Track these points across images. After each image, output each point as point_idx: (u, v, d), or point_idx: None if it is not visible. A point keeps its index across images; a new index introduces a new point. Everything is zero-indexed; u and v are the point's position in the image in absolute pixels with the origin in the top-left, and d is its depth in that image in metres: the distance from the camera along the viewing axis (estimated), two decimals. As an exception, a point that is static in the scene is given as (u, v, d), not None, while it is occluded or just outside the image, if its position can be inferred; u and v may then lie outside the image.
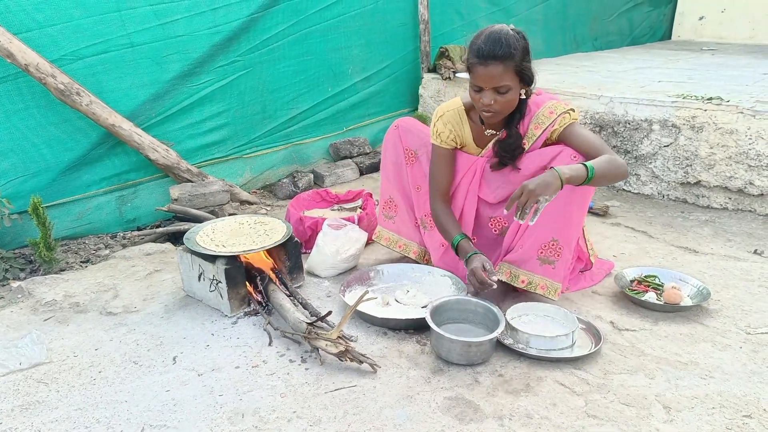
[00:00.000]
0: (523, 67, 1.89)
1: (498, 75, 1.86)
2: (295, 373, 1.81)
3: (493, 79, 1.87)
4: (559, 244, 2.04)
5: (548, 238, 2.05)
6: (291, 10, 3.48)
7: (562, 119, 2.02)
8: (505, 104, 1.93)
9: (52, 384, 1.79)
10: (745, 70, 4.38)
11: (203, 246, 2.17)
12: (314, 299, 2.26)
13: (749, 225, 2.92)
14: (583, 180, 1.84)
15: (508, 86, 1.89)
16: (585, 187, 1.95)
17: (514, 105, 1.97)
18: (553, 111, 2.02)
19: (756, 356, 1.86)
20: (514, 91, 1.91)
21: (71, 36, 2.69)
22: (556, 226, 2.02)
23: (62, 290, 2.40)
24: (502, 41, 1.84)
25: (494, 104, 1.91)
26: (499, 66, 1.85)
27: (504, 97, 1.90)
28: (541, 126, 2.03)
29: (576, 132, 2.01)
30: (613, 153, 1.94)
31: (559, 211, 1.99)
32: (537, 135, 2.04)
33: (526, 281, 2.11)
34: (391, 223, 2.52)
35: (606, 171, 1.88)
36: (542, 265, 2.08)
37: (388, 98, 4.34)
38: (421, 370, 1.82)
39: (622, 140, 3.39)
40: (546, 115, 2.02)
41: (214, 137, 3.35)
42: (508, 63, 1.86)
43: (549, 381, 1.76)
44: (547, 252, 2.06)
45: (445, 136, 2.19)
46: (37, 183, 2.74)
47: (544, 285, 2.10)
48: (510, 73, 1.88)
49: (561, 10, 5.55)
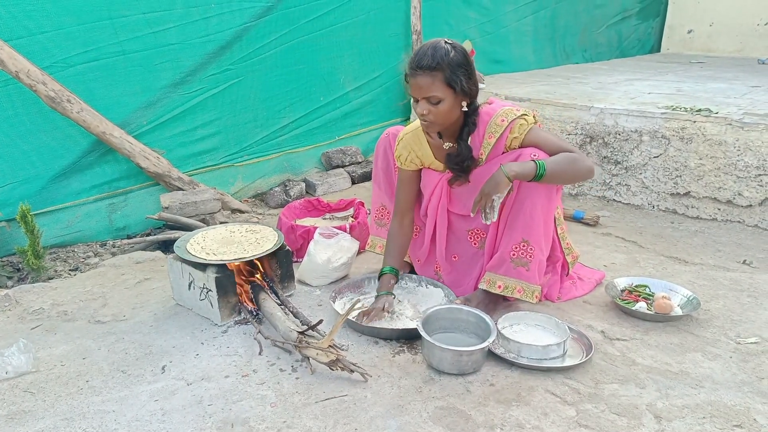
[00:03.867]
0: (454, 79, 1.89)
1: (426, 85, 1.90)
2: (286, 383, 1.80)
3: (422, 90, 1.91)
4: (530, 245, 2.06)
5: (518, 239, 2.06)
6: (283, 19, 3.49)
7: (519, 126, 2.01)
8: (439, 115, 1.94)
9: (39, 393, 1.77)
10: (734, 83, 4.44)
11: (194, 254, 2.16)
12: (305, 308, 2.25)
13: (738, 235, 2.95)
14: (533, 176, 1.91)
15: (438, 97, 1.90)
16: (548, 187, 2.00)
17: (451, 116, 1.97)
18: (505, 118, 2.02)
19: (745, 366, 1.87)
20: (447, 102, 1.92)
21: (62, 43, 2.68)
22: (524, 227, 2.04)
23: (50, 298, 2.37)
24: (429, 53, 1.89)
25: (428, 114, 1.94)
26: (426, 77, 1.89)
27: (437, 108, 1.92)
28: (495, 135, 2.03)
29: (538, 136, 2.02)
30: (579, 153, 2.00)
31: (524, 211, 2.03)
32: (492, 144, 2.05)
33: (503, 286, 2.12)
34: (385, 230, 2.51)
35: (563, 168, 1.95)
36: (516, 268, 2.09)
37: (380, 108, 4.35)
38: (413, 379, 1.81)
39: (612, 151, 3.41)
40: (498, 123, 2.02)
41: (206, 145, 3.35)
42: (435, 74, 1.88)
43: (540, 390, 1.76)
44: (519, 253, 2.07)
45: (404, 158, 2.24)
46: (27, 190, 2.72)
47: (521, 288, 2.11)
48: (439, 84, 1.89)
49: (550, 22, 5.60)
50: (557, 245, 2.25)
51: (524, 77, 4.90)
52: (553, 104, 3.63)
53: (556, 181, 1.99)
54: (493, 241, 2.16)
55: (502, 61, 5.17)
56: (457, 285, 2.31)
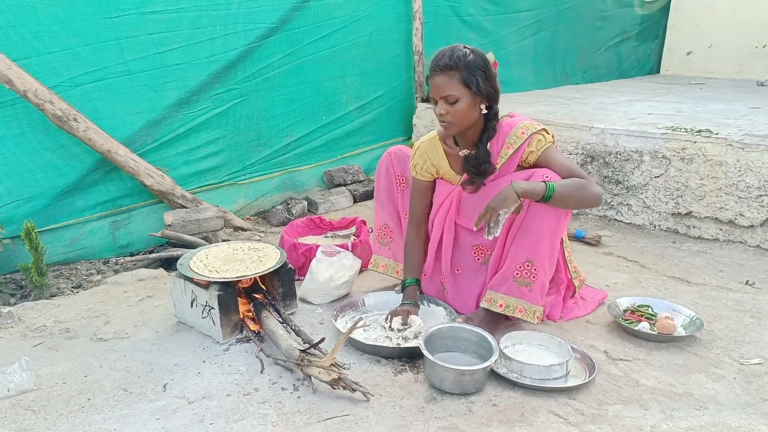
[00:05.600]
0: (470, 78, 1.93)
1: (443, 84, 1.94)
2: (287, 402, 1.79)
3: (440, 89, 1.96)
4: (534, 265, 2.06)
5: (523, 259, 2.06)
6: (287, 40, 3.54)
7: (537, 141, 2.05)
8: (457, 115, 1.97)
9: (41, 412, 1.76)
10: (733, 104, 4.47)
11: (196, 272, 2.16)
12: (307, 326, 2.25)
13: (740, 256, 2.95)
14: (541, 196, 1.93)
15: (455, 96, 1.94)
16: (557, 210, 2.00)
17: (469, 117, 2.00)
18: (525, 131, 2.05)
19: (749, 387, 1.86)
20: (465, 102, 1.95)
21: (69, 63, 2.72)
22: (529, 247, 2.04)
23: (53, 316, 2.38)
24: (447, 54, 1.95)
25: (446, 114, 1.97)
26: (444, 76, 1.94)
27: (454, 108, 1.96)
28: (513, 146, 2.06)
29: (553, 157, 2.05)
30: (589, 179, 2.01)
31: (532, 231, 2.03)
32: (509, 154, 2.07)
33: (504, 305, 2.12)
34: (387, 249, 2.53)
35: (571, 193, 1.96)
36: (519, 287, 2.09)
37: (382, 127, 4.39)
38: (415, 399, 1.81)
39: (613, 171, 3.43)
40: (518, 135, 2.05)
41: (209, 163, 3.37)
42: (452, 73, 1.93)
43: (543, 411, 1.75)
44: (522, 273, 2.08)
45: (420, 167, 2.26)
46: (31, 208, 2.73)
47: (522, 308, 2.10)
48: (456, 83, 1.94)
49: (550, 44, 5.67)
50: (563, 267, 2.25)
51: (525, 97, 4.94)
52: (554, 124, 3.65)
53: (562, 205, 2.00)
54: (498, 258, 2.16)
55: (503, 82, 5.12)
56: (458, 299, 2.31)
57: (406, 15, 4.27)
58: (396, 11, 4.20)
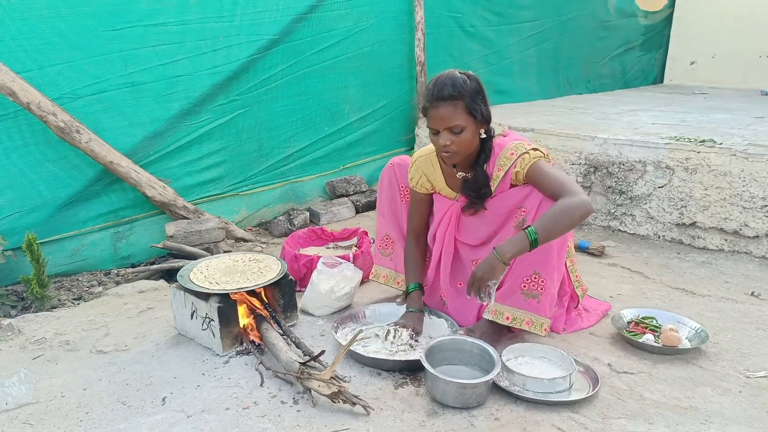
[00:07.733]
0: (474, 107, 1.92)
1: (448, 115, 1.91)
2: (287, 415, 1.77)
3: (444, 120, 1.92)
4: (542, 277, 2.04)
5: (530, 271, 2.04)
6: (289, 51, 3.55)
7: (522, 160, 2.00)
8: (462, 144, 1.95)
9: (38, 425, 1.75)
10: (737, 114, 4.45)
11: (197, 283, 2.16)
12: (308, 338, 2.24)
13: (745, 267, 2.92)
14: (528, 248, 1.84)
15: (461, 126, 1.92)
16: None
17: (473, 145, 1.99)
18: (514, 152, 2.01)
19: (755, 401, 1.84)
20: (469, 130, 1.94)
21: (72, 76, 2.73)
22: (537, 259, 2.02)
23: (53, 328, 2.37)
24: (448, 83, 1.91)
25: (451, 144, 1.94)
26: (449, 107, 1.90)
27: (459, 137, 1.93)
28: (503, 168, 2.03)
29: (538, 172, 1.98)
30: (573, 192, 1.87)
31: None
32: (500, 177, 2.04)
33: (511, 317, 2.10)
34: (389, 260, 2.52)
35: (555, 224, 1.85)
36: (526, 300, 2.07)
37: (385, 137, 4.38)
38: (416, 413, 1.78)
39: (616, 181, 3.41)
40: (507, 156, 2.02)
41: (211, 174, 3.37)
42: (457, 103, 1.90)
43: (546, 425, 1.72)
44: (530, 285, 2.05)
45: (415, 181, 2.26)
46: (33, 219, 2.74)
47: (529, 320, 2.08)
48: (461, 113, 1.91)
49: (553, 54, 5.66)
50: (566, 278, 2.23)
51: (528, 107, 4.94)
52: (557, 134, 3.64)
53: (555, 237, 1.91)
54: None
55: (506, 92, 5.22)
56: (460, 313, 2.29)
57: (409, 26, 4.28)
58: (398, 22, 4.20)
